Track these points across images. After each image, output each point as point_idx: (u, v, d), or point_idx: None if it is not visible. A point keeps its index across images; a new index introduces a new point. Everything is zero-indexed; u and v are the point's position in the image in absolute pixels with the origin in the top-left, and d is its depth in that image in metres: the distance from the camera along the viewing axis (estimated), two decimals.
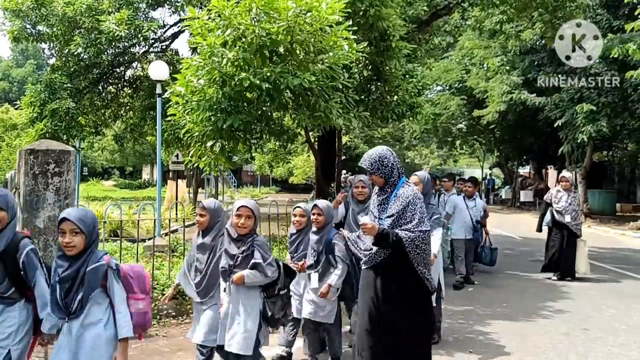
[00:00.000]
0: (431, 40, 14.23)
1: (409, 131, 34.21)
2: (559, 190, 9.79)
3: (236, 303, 4.25)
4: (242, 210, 4.23)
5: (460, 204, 9.18)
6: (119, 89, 13.12)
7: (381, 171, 4.12)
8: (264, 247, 4.31)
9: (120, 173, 54.98)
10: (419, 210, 4.05)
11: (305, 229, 5.34)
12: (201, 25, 6.41)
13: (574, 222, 9.56)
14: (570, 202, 9.55)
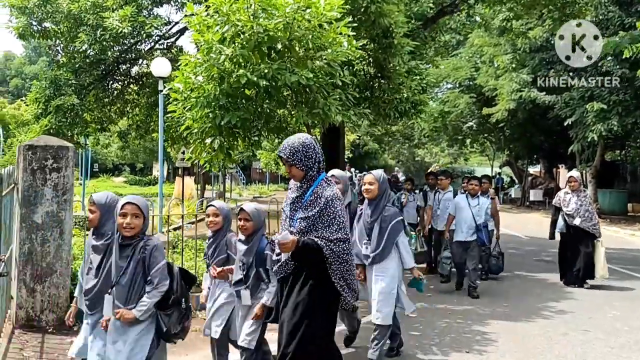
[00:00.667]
0: (438, 37, 14.14)
1: (418, 129, 34.07)
2: (567, 192, 9.17)
3: None
4: (126, 207, 3.61)
5: (461, 203, 8.54)
6: (125, 86, 13.17)
7: (303, 163, 3.63)
8: (155, 252, 3.67)
9: (130, 169, 55.29)
10: (338, 215, 3.59)
11: (222, 231, 4.69)
12: (200, 22, 6.40)
13: (588, 223, 8.90)
14: (581, 203, 8.93)
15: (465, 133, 32.42)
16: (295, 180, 3.73)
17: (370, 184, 5.13)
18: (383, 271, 5.14)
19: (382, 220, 5.12)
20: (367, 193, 5.19)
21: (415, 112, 9.88)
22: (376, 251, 5.15)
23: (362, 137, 38.31)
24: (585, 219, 8.88)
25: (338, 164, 11.84)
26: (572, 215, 8.97)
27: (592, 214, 9.03)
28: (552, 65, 21.92)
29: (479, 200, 8.54)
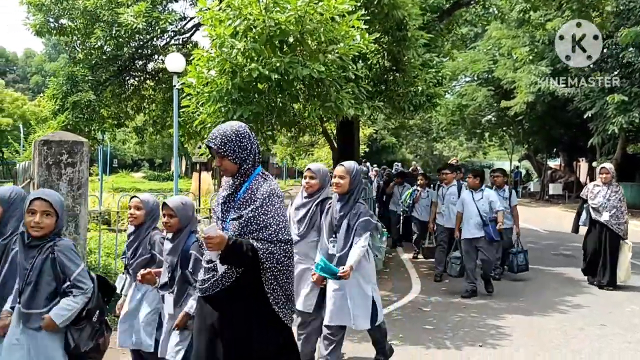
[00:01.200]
0: (454, 30, 14.00)
1: (436, 123, 33.84)
2: (596, 184, 8.57)
3: None
4: (35, 204, 3.26)
5: (466, 199, 8.15)
6: (141, 82, 13.26)
7: (236, 155, 3.07)
8: (69, 254, 3.31)
9: (149, 165, 55.79)
10: (277, 213, 3.04)
11: (143, 227, 4.23)
12: (212, 16, 6.41)
13: (614, 220, 8.22)
14: (609, 197, 8.23)
15: (484, 126, 32.10)
16: (227, 175, 3.19)
17: (341, 177, 4.64)
18: (352, 274, 4.49)
19: (351, 218, 4.59)
20: (337, 188, 4.66)
21: (430, 105, 9.79)
22: (343, 251, 4.58)
23: (379, 131, 38.12)
24: (612, 216, 8.22)
25: (353, 158, 11.82)
26: (597, 209, 8.34)
27: (621, 212, 8.29)
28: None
29: (482, 194, 8.10)
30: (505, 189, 9.19)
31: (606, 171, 8.46)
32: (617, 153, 23.14)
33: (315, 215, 4.78)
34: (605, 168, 8.56)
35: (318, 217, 4.77)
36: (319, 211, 4.78)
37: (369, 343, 5.24)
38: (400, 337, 6.00)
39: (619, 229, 8.28)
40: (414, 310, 7.27)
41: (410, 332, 6.22)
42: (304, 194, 4.89)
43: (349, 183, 4.62)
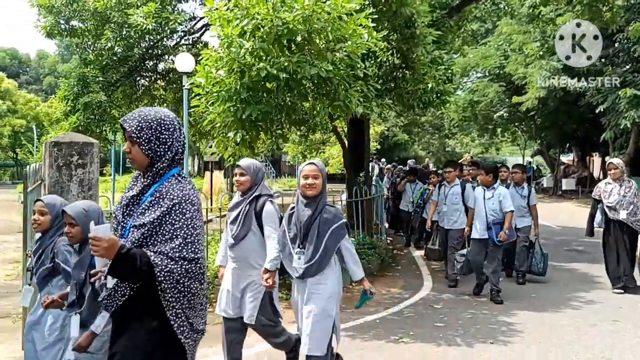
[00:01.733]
0: (464, 26, 13.94)
1: (448, 119, 33.74)
2: (608, 182, 8.07)
3: None
4: None
5: (477, 197, 7.81)
6: (152, 82, 13.33)
7: (151, 146, 2.57)
8: None
9: None
10: (187, 225, 2.50)
11: (48, 234, 3.87)
12: (220, 16, 6.44)
13: (632, 218, 7.79)
14: (625, 194, 7.80)
15: (496, 122, 31.94)
16: (136, 168, 2.65)
17: (315, 177, 4.06)
18: (318, 287, 4.06)
19: (322, 224, 4.06)
20: (310, 189, 4.05)
21: (439, 103, 9.77)
22: (311, 261, 4.04)
23: (390, 128, 38.07)
24: (629, 213, 7.78)
25: (363, 155, 11.84)
26: (614, 207, 7.87)
27: (638, 207, 7.85)
28: None
29: (493, 192, 7.63)
30: (524, 186, 8.78)
31: (614, 167, 8.01)
32: (629, 147, 22.96)
33: (250, 214, 4.46)
34: (613, 164, 8.10)
35: (253, 216, 4.45)
36: (253, 210, 4.47)
37: None
38: (411, 334, 6.01)
39: (638, 225, 7.88)
40: (425, 307, 7.27)
41: (422, 329, 6.22)
42: (239, 193, 4.60)
43: (322, 184, 4.08)
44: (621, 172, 8.00)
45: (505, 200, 7.57)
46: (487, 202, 7.61)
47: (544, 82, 21.12)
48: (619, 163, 8.19)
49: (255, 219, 4.45)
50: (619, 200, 7.84)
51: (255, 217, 4.45)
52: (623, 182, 7.95)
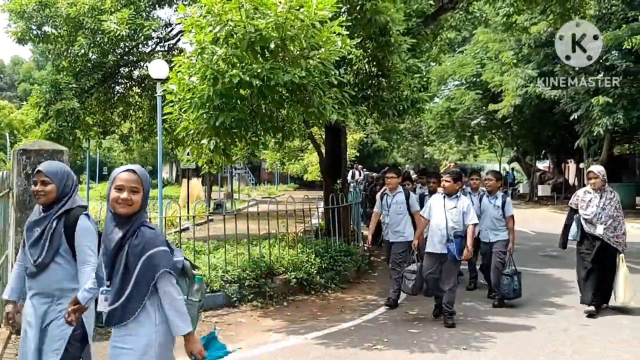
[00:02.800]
0: (440, 34, 14.07)
1: (426, 126, 34.03)
2: (587, 191, 7.17)
3: None
4: None
5: (434, 205, 6.92)
6: (127, 89, 13.24)
7: None
8: None
9: None
10: None
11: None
12: (193, 23, 6.41)
13: (610, 233, 6.93)
14: (604, 206, 6.93)
15: (473, 129, 32.27)
16: None
17: (134, 191, 2.96)
18: (125, 341, 2.94)
19: (131, 251, 2.92)
20: (123, 206, 2.94)
21: (415, 111, 9.82)
22: (116, 304, 2.94)
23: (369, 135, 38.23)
24: (608, 228, 6.92)
25: (341, 162, 11.86)
26: (590, 220, 7.01)
27: (619, 222, 6.99)
28: (557, 60, 21.75)
29: (456, 202, 6.73)
30: (497, 195, 7.87)
31: (594, 175, 7.05)
32: (603, 154, 23.35)
33: (57, 234, 3.41)
34: (594, 172, 7.11)
35: (62, 236, 3.41)
36: (62, 227, 3.42)
37: None
38: (385, 341, 6.01)
39: (617, 242, 6.98)
40: (400, 314, 7.28)
41: (396, 335, 6.23)
42: (40, 208, 3.53)
43: (141, 200, 2.98)
44: (602, 181, 7.02)
45: (468, 212, 6.67)
46: (449, 212, 6.68)
47: (520, 91, 21.44)
48: (600, 171, 7.15)
49: (66, 239, 3.42)
50: (597, 212, 6.95)
51: (66, 237, 3.43)
52: (604, 192, 7.02)
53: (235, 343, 6.01)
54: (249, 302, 7.56)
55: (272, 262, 8.22)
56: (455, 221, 6.65)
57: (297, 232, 9.50)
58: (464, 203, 6.75)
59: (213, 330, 3.22)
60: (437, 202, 6.87)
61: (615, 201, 7.02)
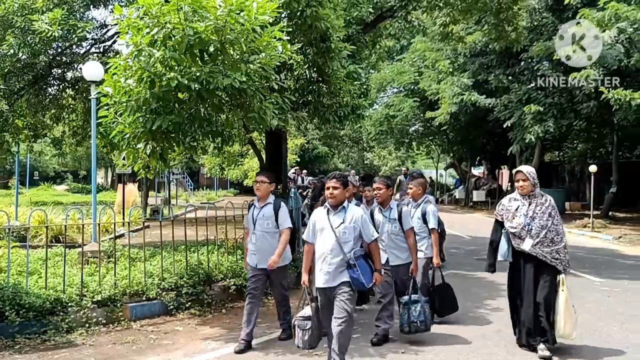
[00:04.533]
0: (379, 42, 14.29)
1: (366, 132, 34.50)
2: (513, 198, 5.92)
3: None
4: None
5: (319, 221, 5.40)
6: (60, 91, 12.77)
7: None
8: None
9: (73, 177, 53.75)
10: None
11: None
12: (129, 24, 6.25)
13: (545, 248, 5.63)
14: (534, 215, 5.70)
15: (411, 136, 33.01)
16: None
17: None
18: None
19: None
20: None
21: (354, 117, 9.92)
22: None
23: (310, 141, 38.38)
24: (541, 241, 5.66)
25: (281, 168, 11.82)
26: (517, 234, 5.75)
27: (557, 233, 5.69)
28: (491, 70, 22.50)
29: (344, 214, 5.23)
30: (392, 206, 6.48)
31: (523, 177, 5.81)
32: (534, 161, 24.29)
33: None
34: (523, 172, 5.86)
35: None
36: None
37: None
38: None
39: (556, 258, 5.66)
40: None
41: None
42: None
43: None
44: (532, 184, 5.78)
45: (366, 227, 5.29)
46: (337, 230, 5.19)
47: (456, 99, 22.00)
48: (530, 172, 5.87)
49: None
50: (526, 223, 5.72)
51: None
52: (534, 198, 5.79)
53: (172, 352, 5.89)
54: (187, 310, 7.43)
55: (211, 268, 8.11)
56: (344, 239, 5.17)
57: (237, 238, 9.40)
58: (357, 215, 5.25)
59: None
60: (322, 217, 5.31)
61: (548, 207, 5.72)
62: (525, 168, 5.99)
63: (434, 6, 11.82)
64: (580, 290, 9.02)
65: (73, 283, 7.09)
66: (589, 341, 6.30)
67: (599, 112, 19.18)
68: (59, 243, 10.42)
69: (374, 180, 6.87)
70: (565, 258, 5.73)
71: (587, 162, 26.31)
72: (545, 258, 5.67)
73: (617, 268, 11.45)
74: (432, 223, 6.87)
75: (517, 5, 13.21)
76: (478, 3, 11.98)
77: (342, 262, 5.10)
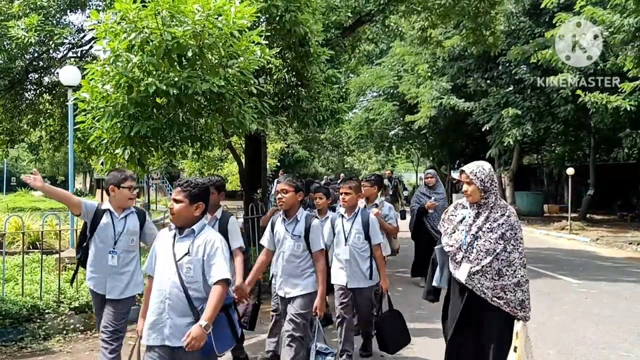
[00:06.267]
0: (358, 46, 14.37)
1: (346, 136, 34.58)
2: (462, 206, 4.22)
3: None
4: None
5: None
6: (37, 95, 12.63)
7: None
8: None
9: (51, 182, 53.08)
10: None
11: None
12: (106, 29, 6.21)
13: (488, 281, 3.92)
14: (478, 232, 4.00)
15: (391, 140, 33.14)
16: None
17: None
18: None
19: None
20: None
21: (334, 121, 9.95)
22: None
23: (290, 145, 38.40)
24: (483, 271, 3.94)
25: (260, 172, 11.82)
26: (453, 255, 4.12)
27: (508, 264, 3.93)
28: (469, 73, 22.72)
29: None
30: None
31: (467, 179, 4.07)
32: (513, 164, 24.55)
33: None
34: (466, 173, 4.09)
35: None
36: None
37: None
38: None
39: (499, 298, 3.90)
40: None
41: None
42: None
43: None
44: (479, 189, 4.00)
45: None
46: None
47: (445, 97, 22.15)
48: (477, 172, 4.02)
49: None
50: (466, 242, 4.02)
51: None
52: (485, 209, 4.02)
53: None
54: None
55: None
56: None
57: None
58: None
59: None
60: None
61: (503, 226, 3.94)
62: (470, 167, 4.08)
63: (412, 11, 11.93)
64: (558, 292, 9.16)
65: (50, 290, 7.02)
66: (566, 341, 6.39)
67: (576, 116, 19.49)
68: (36, 249, 10.29)
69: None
70: (517, 299, 3.86)
71: (565, 164, 26.64)
72: (484, 295, 3.89)
73: (595, 270, 11.61)
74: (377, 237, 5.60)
75: (495, 9, 13.38)
76: (456, 7, 12.11)
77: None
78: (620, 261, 12.91)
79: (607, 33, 13.40)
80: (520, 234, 4.01)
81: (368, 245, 5.54)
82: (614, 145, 24.36)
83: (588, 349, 6.17)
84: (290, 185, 4.87)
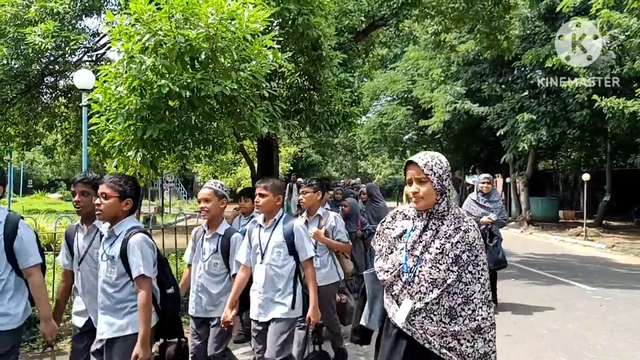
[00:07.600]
0: (372, 51, 14.36)
1: (359, 141, 34.56)
2: (403, 215, 2.96)
3: None
4: None
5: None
6: (53, 99, 12.76)
7: None
8: None
9: (67, 185, 53.57)
10: None
11: None
12: (121, 31, 6.26)
13: (433, 326, 2.68)
14: (423, 252, 2.76)
15: (405, 144, 33.03)
16: None
17: None
18: None
19: None
20: None
21: (346, 125, 9.94)
22: None
23: (304, 149, 38.46)
24: (428, 310, 2.71)
25: (272, 176, 11.83)
26: (389, 286, 2.89)
27: (464, 300, 2.68)
28: (484, 78, 22.61)
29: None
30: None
31: (416, 173, 2.79)
32: (527, 169, 24.37)
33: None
34: (415, 165, 2.80)
35: None
36: None
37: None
38: None
39: (450, 349, 2.68)
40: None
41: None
42: None
43: None
44: (436, 190, 2.77)
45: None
46: None
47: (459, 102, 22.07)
48: (432, 165, 2.76)
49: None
50: (405, 268, 2.80)
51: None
52: (435, 218, 2.80)
53: None
54: None
55: None
56: None
57: None
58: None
59: None
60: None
61: (459, 245, 2.73)
62: (423, 158, 2.80)
63: (425, 15, 11.91)
64: (572, 299, 9.06)
65: None
66: (576, 348, 6.32)
67: (592, 121, 19.30)
68: (50, 251, 10.37)
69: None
70: (477, 351, 2.65)
71: (581, 170, 26.45)
72: (429, 345, 2.71)
73: (610, 277, 11.48)
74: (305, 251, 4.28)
75: (509, 14, 13.31)
76: (469, 12, 12.06)
77: None
78: (636, 268, 12.74)
79: (624, 37, 13.28)
80: (482, 257, 2.75)
81: (293, 262, 4.21)
82: (630, 150, 24.16)
83: (599, 357, 6.09)
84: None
